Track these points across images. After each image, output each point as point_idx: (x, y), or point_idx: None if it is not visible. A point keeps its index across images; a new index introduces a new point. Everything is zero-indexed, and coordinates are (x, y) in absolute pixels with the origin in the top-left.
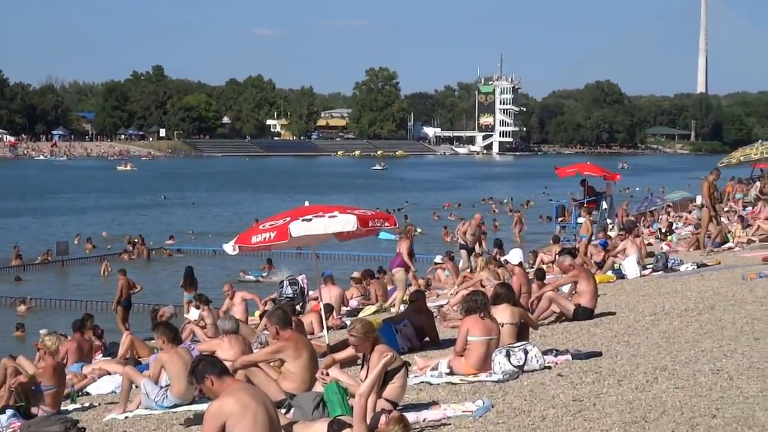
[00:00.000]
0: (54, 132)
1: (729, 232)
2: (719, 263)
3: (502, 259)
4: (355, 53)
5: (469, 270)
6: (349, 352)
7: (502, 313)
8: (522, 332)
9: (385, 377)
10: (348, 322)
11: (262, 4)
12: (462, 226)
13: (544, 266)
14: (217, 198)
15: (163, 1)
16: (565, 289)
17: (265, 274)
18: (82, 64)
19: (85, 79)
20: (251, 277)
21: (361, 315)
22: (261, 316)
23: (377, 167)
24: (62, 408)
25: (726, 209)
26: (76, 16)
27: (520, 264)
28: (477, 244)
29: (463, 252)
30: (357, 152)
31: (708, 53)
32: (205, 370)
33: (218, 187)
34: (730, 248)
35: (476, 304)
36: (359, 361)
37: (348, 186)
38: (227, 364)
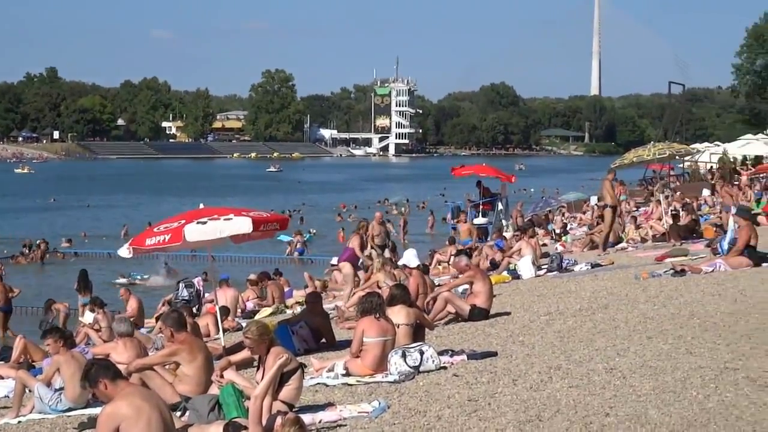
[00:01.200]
0: None
1: (623, 232)
2: (613, 263)
3: (401, 262)
4: (251, 55)
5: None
6: (244, 354)
7: (398, 314)
8: (418, 333)
9: (281, 379)
10: (244, 325)
11: (158, 5)
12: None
13: (440, 267)
14: (111, 200)
15: (57, 1)
16: (460, 289)
17: (145, 277)
18: None
19: None
20: (123, 280)
21: (257, 317)
22: (157, 319)
23: (271, 169)
24: None
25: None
26: None
27: (418, 266)
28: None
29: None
30: (253, 154)
31: (601, 55)
32: (99, 374)
33: (113, 189)
34: (623, 248)
35: (372, 306)
36: (255, 363)
37: (244, 188)
38: (122, 367)
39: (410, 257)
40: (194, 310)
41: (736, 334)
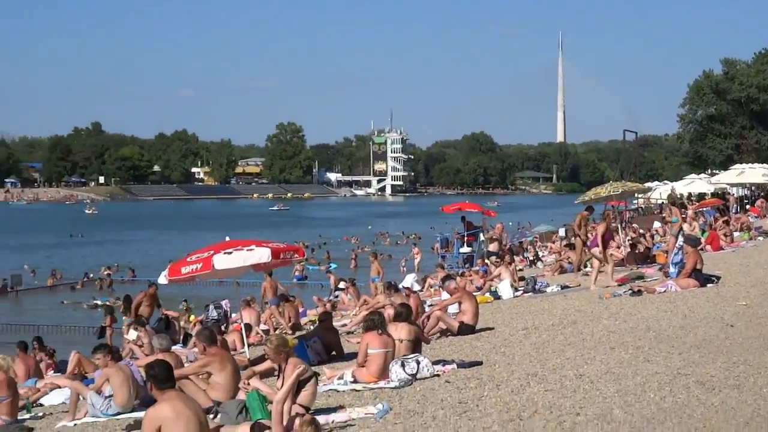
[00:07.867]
0: (6, 180)
1: (588, 258)
2: (579, 285)
3: (403, 284)
4: (264, 109)
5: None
6: (266, 364)
7: (402, 330)
8: (416, 346)
9: (298, 386)
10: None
11: (184, 68)
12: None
13: (432, 289)
14: (163, 235)
15: (101, 65)
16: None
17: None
18: (28, 121)
19: (32, 133)
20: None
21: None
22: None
23: (275, 208)
24: (19, 417)
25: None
26: (24, 75)
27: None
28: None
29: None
30: (270, 195)
31: (565, 108)
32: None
33: (164, 225)
34: (588, 273)
35: (374, 323)
36: (276, 373)
37: (264, 224)
38: None
39: (412, 281)
40: (222, 328)
41: (686, 345)
